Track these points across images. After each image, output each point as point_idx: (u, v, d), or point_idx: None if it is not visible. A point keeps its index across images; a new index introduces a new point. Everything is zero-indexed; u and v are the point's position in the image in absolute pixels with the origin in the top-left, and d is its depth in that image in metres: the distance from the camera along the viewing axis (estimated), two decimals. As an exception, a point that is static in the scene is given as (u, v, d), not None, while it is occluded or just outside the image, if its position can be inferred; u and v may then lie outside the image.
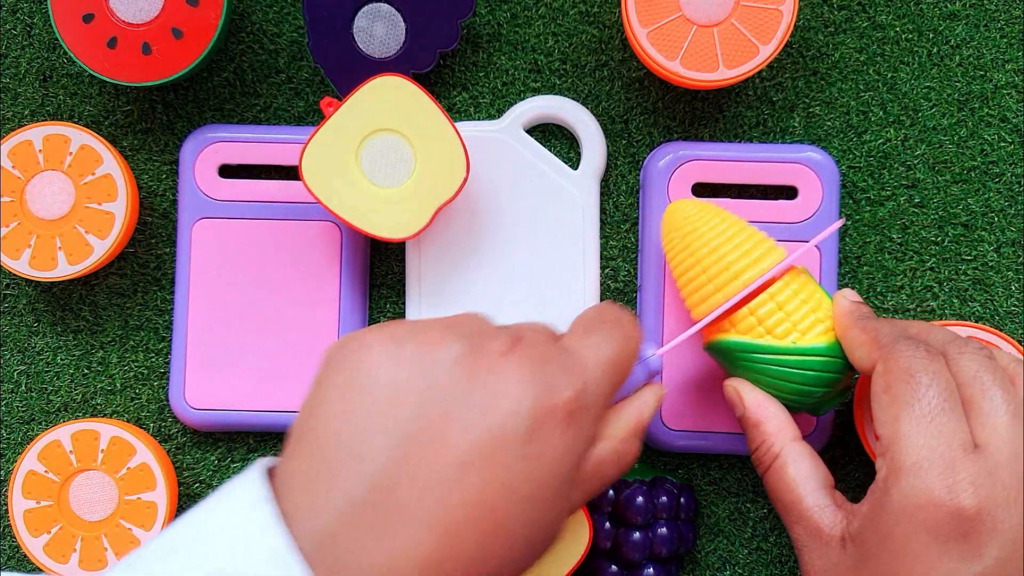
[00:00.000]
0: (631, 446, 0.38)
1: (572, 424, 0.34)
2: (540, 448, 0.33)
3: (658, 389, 0.40)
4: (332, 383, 0.34)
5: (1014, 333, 0.49)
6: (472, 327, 0.35)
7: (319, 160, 0.45)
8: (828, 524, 0.38)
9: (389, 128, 0.45)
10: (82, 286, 0.50)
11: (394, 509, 0.31)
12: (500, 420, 0.33)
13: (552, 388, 0.34)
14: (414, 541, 0.31)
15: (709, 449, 0.48)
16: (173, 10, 0.46)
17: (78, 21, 0.46)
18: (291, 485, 0.32)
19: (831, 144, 0.49)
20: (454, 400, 0.33)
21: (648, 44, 0.46)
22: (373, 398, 0.33)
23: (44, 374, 0.50)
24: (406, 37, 0.48)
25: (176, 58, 0.46)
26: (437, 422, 0.32)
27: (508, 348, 0.34)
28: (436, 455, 0.32)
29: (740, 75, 0.46)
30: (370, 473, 0.32)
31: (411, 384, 0.33)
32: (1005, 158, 0.49)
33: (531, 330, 0.37)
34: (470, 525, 0.32)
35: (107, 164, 0.47)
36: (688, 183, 0.48)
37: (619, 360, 0.37)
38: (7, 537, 0.50)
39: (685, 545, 0.47)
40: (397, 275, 0.50)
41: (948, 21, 0.49)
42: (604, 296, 0.49)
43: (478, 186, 0.48)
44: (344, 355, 0.34)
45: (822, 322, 0.42)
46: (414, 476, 0.32)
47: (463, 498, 0.32)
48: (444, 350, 0.34)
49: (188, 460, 0.50)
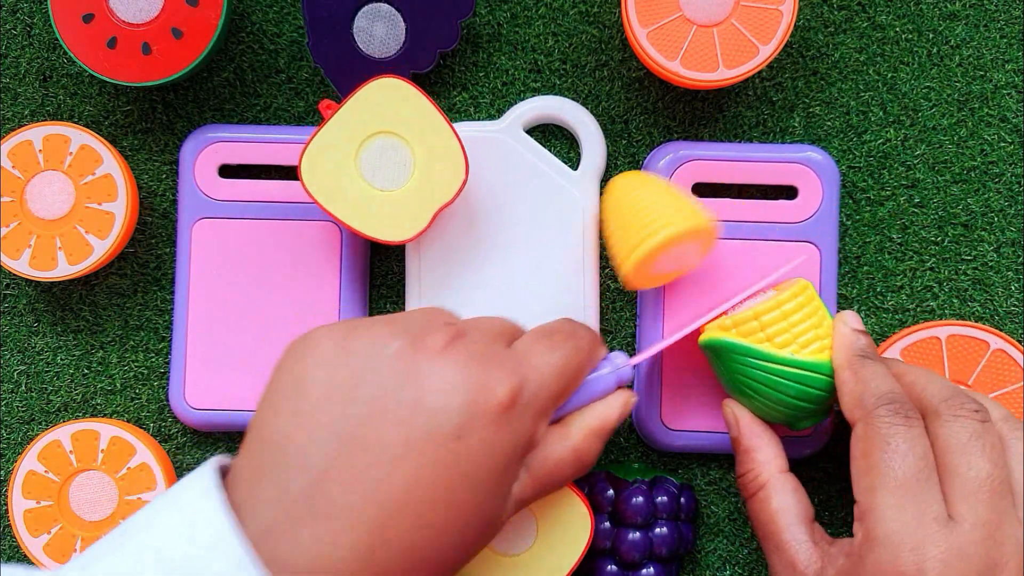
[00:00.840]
0: (591, 446, 0.39)
1: (505, 422, 0.35)
2: (470, 444, 0.34)
3: (626, 395, 0.41)
4: (279, 381, 0.36)
5: (1014, 333, 0.49)
6: (420, 322, 0.37)
7: (318, 163, 0.45)
8: (804, 561, 0.39)
9: (388, 131, 0.45)
10: (82, 286, 0.50)
11: (325, 503, 0.33)
12: (429, 416, 0.34)
13: (486, 386, 0.35)
14: (343, 533, 0.32)
15: (709, 449, 0.48)
16: (173, 10, 0.46)
17: (78, 21, 0.46)
18: (239, 479, 0.34)
19: (831, 144, 0.49)
20: (388, 396, 0.34)
21: (648, 44, 0.46)
22: (313, 397, 0.34)
23: (44, 374, 0.50)
24: (406, 37, 0.48)
25: (176, 58, 0.46)
26: (370, 418, 0.34)
27: (446, 344, 0.35)
28: (367, 451, 0.33)
29: (740, 75, 0.46)
30: (305, 469, 0.33)
31: (349, 381, 0.34)
32: (1005, 158, 0.49)
33: (479, 327, 0.38)
34: (399, 519, 0.33)
35: (107, 164, 0.47)
36: (688, 183, 0.48)
37: (567, 366, 0.38)
38: (7, 537, 0.50)
39: (685, 545, 0.47)
40: (397, 275, 0.50)
41: (948, 21, 0.49)
42: (604, 296, 0.49)
43: (478, 186, 0.48)
44: (292, 353, 0.36)
45: (821, 339, 0.42)
46: (345, 472, 0.33)
47: (391, 493, 0.33)
48: (384, 347, 0.35)
49: (188, 460, 0.50)
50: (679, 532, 0.47)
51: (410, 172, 0.45)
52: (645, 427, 0.48)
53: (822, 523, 0.49)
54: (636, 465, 0.48)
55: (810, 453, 0.48)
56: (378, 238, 0.46)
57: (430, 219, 0.46)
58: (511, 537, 0.45)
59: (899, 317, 0.49)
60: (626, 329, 0.49)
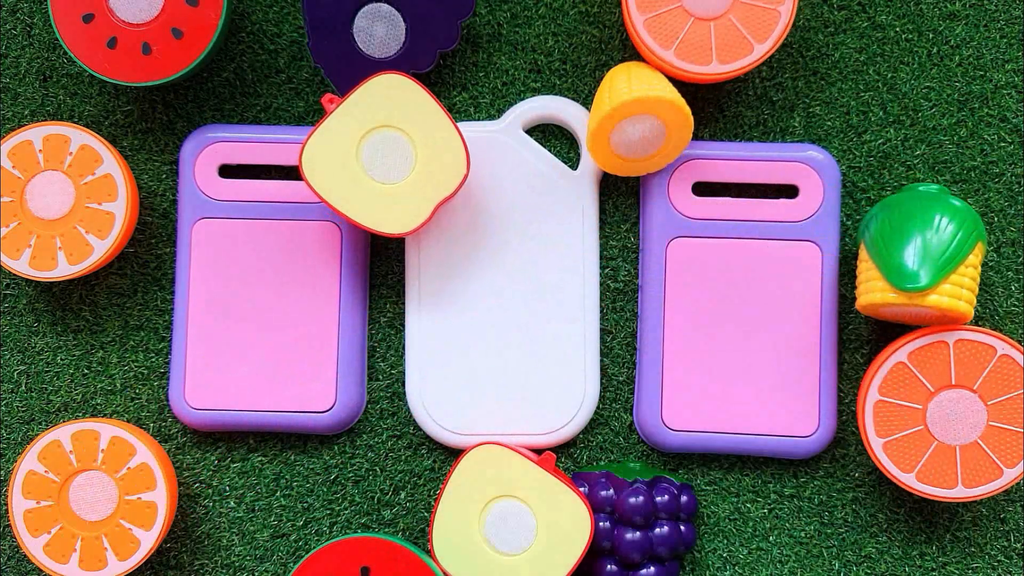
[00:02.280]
0: None
1: None
2: None
3: None
4: None
5: (1014, 333, 0.49)
6: None
7: (319, 156, 0.45)
8: None
9: (390, 125, 0.45)
10: (82, 286, 0.50)
11: None
12: None
13: None
14: None
15: (709, 449, 0.48)
16: (173, 10, 0.46)
17: (78, 21, 0.46)
18: None
19: (831, 144, 0.49)
20: None
21: (644, 31, 0.46)
22: None
23: (44, 374, 0.50)
24: (406, 37, 0.48)
25: (176, 58, 0.46)
26: None
27: None
28: None
29: (732, 71, 0.46)
30: None
31: None
32: (1005, 158, 0.49)
33: None
34: None
35: (107, 164, 0.47)
36: (688, 182, 0.48)
37: None
38: (7, 537, 0.50)
39: (685, 545, 0.47)
40: (397, 275, 0.50)
41: (948, 21, 0.49)
42: (604, 296, 0.49)
43: (478, 186, 0.48)
44: None
45: None
46: None
47: None
48: None
49: (188, 460, 0.50)
50: (679, 532, 0.47)
51: (411, 165, 0.45)
52: (645, 427, 0.48)
53: (824, 522, 0.49)
54: (636, 465, 0.48)
55: (811, 453, 0.48)
56: (378, 230, 0.46)
57: (431, 212, 0.46)
58: (511, 537, 0.45)
59: (899, 317, 0.49)
60: (626, 329, 0.49)
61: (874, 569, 0.49)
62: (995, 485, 0.45)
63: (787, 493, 0.49)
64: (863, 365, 0.49)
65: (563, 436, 0.49)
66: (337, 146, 0.45)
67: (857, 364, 0.49)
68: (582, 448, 0.49)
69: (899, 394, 0.45)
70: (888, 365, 0.45)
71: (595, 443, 0.49)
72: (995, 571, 0.49)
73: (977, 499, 0.48)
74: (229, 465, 0.50)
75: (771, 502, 0.49)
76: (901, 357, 0.45)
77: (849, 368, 0.49)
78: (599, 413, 0.49)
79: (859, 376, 0.49)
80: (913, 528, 0.49)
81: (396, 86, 0.45)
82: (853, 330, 0.49)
